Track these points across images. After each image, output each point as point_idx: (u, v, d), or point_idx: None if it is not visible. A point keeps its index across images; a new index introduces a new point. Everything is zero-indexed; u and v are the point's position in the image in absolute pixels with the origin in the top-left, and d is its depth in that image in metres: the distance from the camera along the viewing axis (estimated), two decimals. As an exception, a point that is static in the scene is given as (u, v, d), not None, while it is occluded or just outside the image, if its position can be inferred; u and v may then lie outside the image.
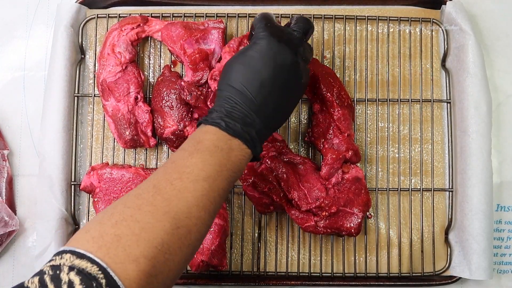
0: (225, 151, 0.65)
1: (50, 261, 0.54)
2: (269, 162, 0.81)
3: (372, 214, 0.87)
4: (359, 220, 0.80)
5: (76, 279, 0.51)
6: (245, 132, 0.67)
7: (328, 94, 0.82)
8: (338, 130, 0.82)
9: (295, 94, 0.73)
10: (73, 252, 0.54)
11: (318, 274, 0.85)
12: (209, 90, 0.83)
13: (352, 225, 0.80)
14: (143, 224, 0.57)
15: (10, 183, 0.88)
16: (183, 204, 0.60)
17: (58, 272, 0.52)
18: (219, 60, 0.84)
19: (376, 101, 0.88)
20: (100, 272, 0.52)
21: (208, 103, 0.82)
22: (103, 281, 0.52)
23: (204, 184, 0.62)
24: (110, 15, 0.89)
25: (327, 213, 0.80)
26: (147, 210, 0.58)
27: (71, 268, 0.52)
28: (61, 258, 0.54)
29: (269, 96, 0.69)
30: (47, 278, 0.52)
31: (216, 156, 0.64)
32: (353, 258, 0.86)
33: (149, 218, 0.57)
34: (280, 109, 0.71)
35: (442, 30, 0.89)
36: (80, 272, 0.52)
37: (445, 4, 0.88)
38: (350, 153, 0.82)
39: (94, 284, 0.51)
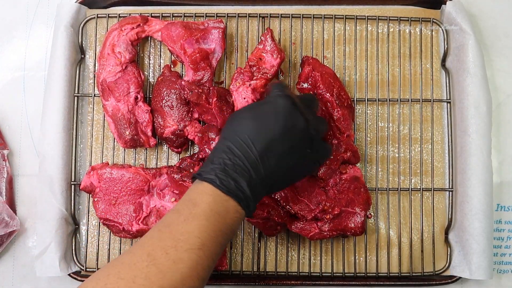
0: (222, 215, 0.64)
1: None
2: None
3: (372, 213, 0.87)
4: (362, 218, 0.80)
5: None
6: (239, 190, 0.65)
7: (328, 94, 0.82)
8: (337, 130, 0.82)
9: (302, 163, 0.71)
10: None
11: (318, 274, 0.85)
12: (210, 88, 0.83)
13: (356, 224, 0.80)
14: None
15: (10, 183, 0.88)
16: (177, 276, 0.59)
17: None
18: (217, 58, 0.84)
19: (376, 101, 0.88)
20: None
21: (212, 103, 0.82)
22: None
23: (199, 252, 0.61)
24: (110, 15, 0.89)
25: (331, 216, 0.80)
26: (142, 283, 0.57)
27: None
28: None
29: (273, 156, 0.67)
30: None
31: (213, 222, 0.63)
32: (353, 258, 0.86)
33: None
34: (282, 173, 0.69)
35: (442, 30, 0.89)
36: None
37: (445, 4, 0.88)
38: (348, 154, 0.82)
39: None
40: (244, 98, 0.81)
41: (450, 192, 0.87)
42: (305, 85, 0.84)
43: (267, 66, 0.83)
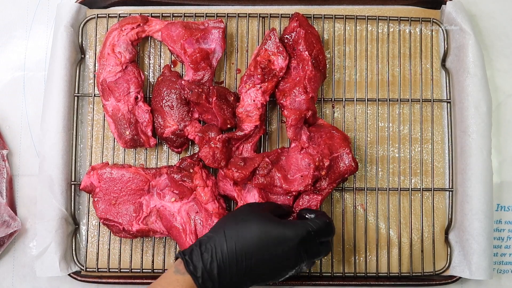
0: None
1: None
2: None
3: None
4: (350, 156, 0.81)
5: None
6: None
7: (307, 52, 0.83)
8: (304, 89, 0.82)
9: (278, 274, 0.73)
10: None
11: (318, 274, 0.85)
12: (210, 88, 0.83)
13: (348, 164, 0.81)
14: None
15: (10, 183, 0.88)
16: None
17: None
18: (217, 58, 0.85)
19: (376, 101, 0.88)
20: None
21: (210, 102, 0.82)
22: None
23: None
24: (110, 15, 0.89)
25: (325, 171, 0.81)
26: None
27: None
28: None
29: (257, 276, 0.70)
30: None
31: None
32: (353, 258, 0.86)
33: None
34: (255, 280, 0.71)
35: (442, 30, 0.89)
36: None
37: (445, 4, 0.88)
38: (309, 113, 0.82)
39: None
40: (254, 100, 0.82)
41: (450, 192, 0.87)
42: (288, 42, 0.85)
43: (276, 68, 0.83)
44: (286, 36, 0.85)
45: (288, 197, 0.82)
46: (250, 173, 0.80)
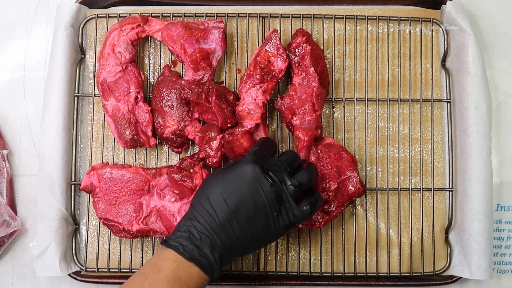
0: (185, 280, 0.67)
1: None
2: None
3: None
4: (357, 178, 0.82)
5: None
6: (202, 257, 0.68)
7: (313, 68, 0.83)
8: (313, 107, 0.82)
9: (269, 228, 0.71)
10: None
11: (318, 274, 0.85)
12: (210, 87, 0.83)
13: (356, 186, 0.82)
14: None
15: (10, 183, 0.88)
16: None
17: None
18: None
19: (376, 101, 0.88)
20: None
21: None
22: None
23: None
24: (110, 15, 0.89)
25: (333, 193, 0.81)
26: None
27: None
28: None
29: (237, 223, 0.69)
30: None
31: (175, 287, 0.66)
32: (353, 258, 0.86)
33: None
34: (248, 239, 0.70)
35: (442, 30, 0.89)
36: None
37: (445, 4, 0.88)
38: (319, 131, 0.84)
39: None
40: (255, 100, 0.82)
41: (450, 192, 0.87)
42: (293, 57, 0.84)
43: (276, 69, 0.83)
44: (291, 49, 0.84)
45: None
46: None
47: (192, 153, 0.88)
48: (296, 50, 0.84)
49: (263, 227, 0.71)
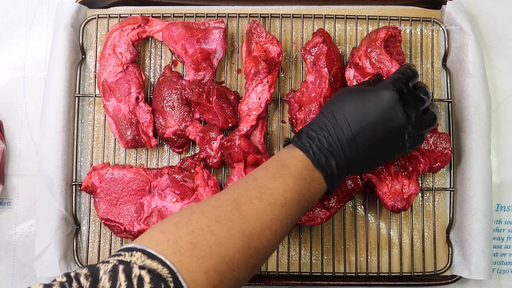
0: (307, 181, 0.67)
1: (117, 255, 0.55)
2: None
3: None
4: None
5: (146, 277, 0.52)
6: (327, 167, 0.68)
7: (326, 69, 0.83)
8: (319, 106, 0.83)
9: (390, 153, 0.73)
10: (144, 252, 0.55)
11: (319, 274, 0.85)
12: (211, 87, 0.83)
13: (354, 181, 0.82)
14: (219, 237, 0.58)
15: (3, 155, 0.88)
16: (258, 225, 0.61)
17: (128, 267, 0.53)
18: (218, 58, 0.84)
19: (376, 101, 0.88)
20: (170, 275, 0.53)
21: (213, 101, 0.82)
22: (172, 284, 0.53)
23: (281, 209, 0.63)
24: (110, 15, 0.89)
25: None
26: (225, 224, 0.59)
27: (141, 268, 0.53)
28: (131, 255, 0.55)
29: (364, 143, 0.69)
30: (120, 267, 0.52)
31: (298, 185, 0.66)
32: (354, 258, 0.86)
33: (225, 233, 0.59)
34: (368, 160, 0.71)
35: (442, 30, 0.89)
36: (151, 271, 0.53)
37: (445, 4, 0.88)
38: None
39: (163, 286, 0.52)
40: (259, 98, 0.82)
41: (451, 192, 0.87)
42: (309, 56, 0.85)
43: (274, 55, 0.83)
44: (308, 48, 0.84)
45: None
46: None
47: (193, 153, 0.88)
48: (312, 50, 0.84)
49: (385, 153, 0.72)
